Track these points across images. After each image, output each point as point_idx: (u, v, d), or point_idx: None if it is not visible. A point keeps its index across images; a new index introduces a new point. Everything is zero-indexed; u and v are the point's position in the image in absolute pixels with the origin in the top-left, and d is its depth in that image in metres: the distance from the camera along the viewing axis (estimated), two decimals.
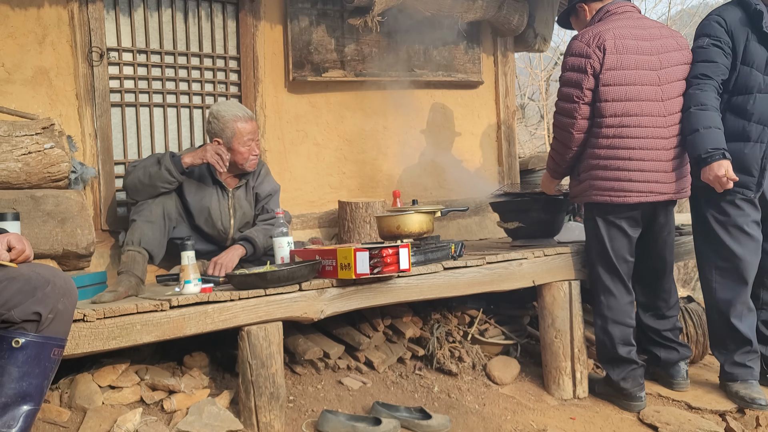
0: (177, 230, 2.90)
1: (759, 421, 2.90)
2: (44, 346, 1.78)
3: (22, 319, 1.75)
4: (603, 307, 2.96)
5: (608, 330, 2.95)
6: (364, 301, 2.63)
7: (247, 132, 2.92)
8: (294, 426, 2.51)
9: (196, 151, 2.80)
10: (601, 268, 2.96)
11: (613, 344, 2.93)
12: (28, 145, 2.57)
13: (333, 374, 2.88)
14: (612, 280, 2.94)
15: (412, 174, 4.16)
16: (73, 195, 2.64)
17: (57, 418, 2.25)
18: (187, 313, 2.27)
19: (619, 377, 2.94)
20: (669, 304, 3.10)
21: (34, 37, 3.00)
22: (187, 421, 2.31)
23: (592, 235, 3.00)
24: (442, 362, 3.06)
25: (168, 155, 2.79)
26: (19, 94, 2.97)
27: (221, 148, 2.80)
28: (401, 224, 2.88)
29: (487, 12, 4.00)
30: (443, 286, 2.83)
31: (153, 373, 2.52)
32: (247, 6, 3.54)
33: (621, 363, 2.94)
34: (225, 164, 2.78)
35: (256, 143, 2.98)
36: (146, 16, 3.31)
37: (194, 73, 3.46)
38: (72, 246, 2.56)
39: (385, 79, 3.94)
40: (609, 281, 2.95)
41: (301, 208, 3.76)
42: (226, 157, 2.78)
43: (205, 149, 2.78)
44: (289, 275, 2.43)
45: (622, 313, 2.94)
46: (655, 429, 2.74)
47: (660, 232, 3.01)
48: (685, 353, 3.13)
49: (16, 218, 2.33)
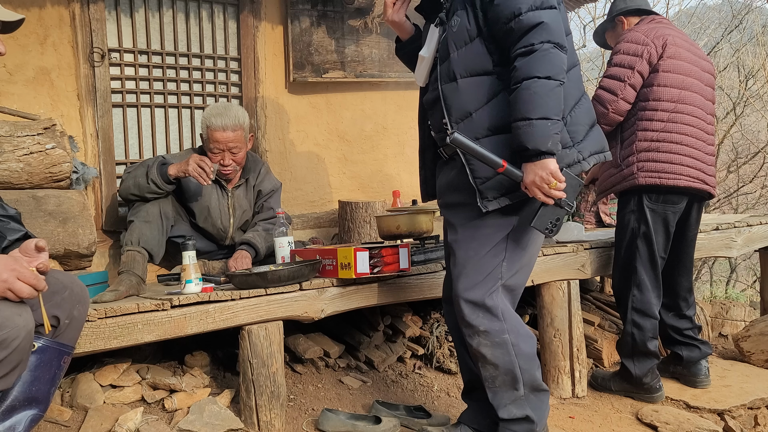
0: (176, 229, 2.89)
1: (758, 420, 2.92)
2: (58, 352, 1.77)
3: (38, 323, 1.71)
4: (636, 301, 2.97)
5: (641, 324, 2.95)
6: (364, 300, 2.64)
7: (215, 141, 2.84)
8: (294, 425, 2.52)
9: (181, 163, 2.73)
10: (641, 262, 2.94)
11: (644, 339, 2.95)
12: (30, 145, 2.58)
13: (333, 373, 2.89)
14: (648, 275, 2.95)
15: (412, 174, 4.17)
16: (74, 195, 2.65)
17: (58, 417, 2.26)
18: (189, 313, 2.28)
19: (643, 372, 2.97)
20: (689, 303, 3.14)
21: (36, 37, 3.01)
22: (188, 420, 2.32)
23: (634, 228, 2.97)
24: (441, 361, 3.07)
25: (156, 166, 2.73)
26: (20, 95, 2.98)
27: (205, 160, 2.70)
28: (401, 224, 2.89)
29: None
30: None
31: (154, 372, 2.53)
32: (247, 7, 3.56)
33: (648, 357, 2.96)
34: (209, 176, 2.68)
35: (231, 154, 2.88)
36: (147, 16, 3.32)
37: (195, 74, 3.47)
38: (73, 246, 2.57)
39: (385, 79, 3.96)
40: (645, 275, 2.94)
41: (301, 208, 3.78)
42: (210, 169, 2.68)
43: (188, 162, 2.70)
44: (290, 275, 2.44)
45: (653, 306, 2.96)
46: (654, 428, 2.75)
47: (690, 229, 3.07)
48: (707, 351, 3.16)
49: None
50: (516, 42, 1.97)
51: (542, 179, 1.95)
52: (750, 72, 9.39)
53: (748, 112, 9.78)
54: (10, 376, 1.62)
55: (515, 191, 2.05)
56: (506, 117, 2.01)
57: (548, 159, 1.95)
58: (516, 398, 2.17)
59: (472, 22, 2.06)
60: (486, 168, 2.03)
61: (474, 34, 2.06)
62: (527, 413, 2.17)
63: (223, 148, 2.86)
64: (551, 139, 1.94)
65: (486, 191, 2.07)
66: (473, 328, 2.14)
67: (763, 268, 4.09)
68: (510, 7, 1.96)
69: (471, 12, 2.07)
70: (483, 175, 2.06)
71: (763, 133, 10.14)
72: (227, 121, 2.85)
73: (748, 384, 3.19)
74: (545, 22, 1.94)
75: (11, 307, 1.57)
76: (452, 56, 2.09)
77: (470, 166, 2.07)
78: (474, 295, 2.14)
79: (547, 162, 1.94)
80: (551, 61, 1.93)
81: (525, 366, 2.17)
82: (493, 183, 2.06)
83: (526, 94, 1.93)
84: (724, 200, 9.51)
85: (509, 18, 1.96)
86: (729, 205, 9.66)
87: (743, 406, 2.96)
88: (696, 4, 10.82)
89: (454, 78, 2.09)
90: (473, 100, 2.07)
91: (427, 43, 2.22)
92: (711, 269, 9.86)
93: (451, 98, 2.10)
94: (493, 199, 2.07)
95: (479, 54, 2.06)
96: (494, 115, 2.05)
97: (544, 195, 1.97)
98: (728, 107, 9.49)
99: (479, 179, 2.07)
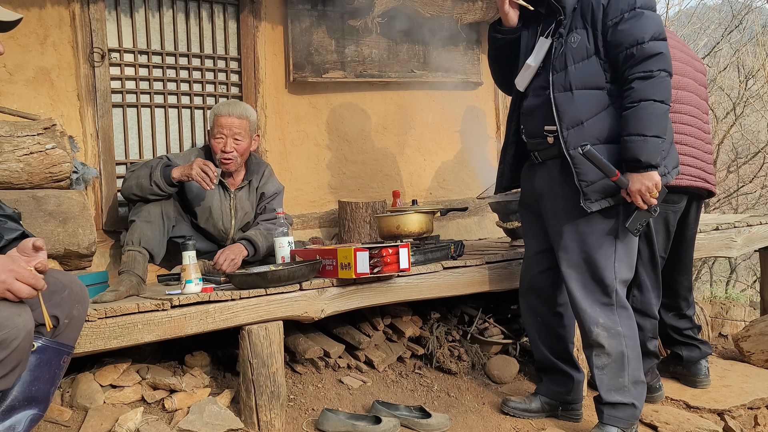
0: (177, 229, 2.89)
1: (758, 420, 2.92)
2: (57, 352, 1.77)
3: (38, 322, 1.71)
4: (636, 301, 2.97)
5: (641, 324, 2.93)
6: (364, 300, 2.64)
7: (220, 125, 2.89)
8: (294, 425, 2.52)
9: (185, 167, 2.73)
10: (641, 262, 2.93)
11: (644, 339, 2.94)
12: (30, 145, 2.58)
13: (333, 373, 2.89)
14: (648, 275, 2.96)
15: (412, 174, 4.18)
16: (74, 195, 2.65)
17: (58, 417, 2.26)
18: (189, 313, 2.28)
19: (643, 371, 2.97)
20: (689, 302, 3.15)
21: (36, 37, 3.01)
22: (188, 419, 2.32)
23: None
24: (441, 361, 3.07)
25: (159, 168, 2.73)
26: (20, 95, 2.98)
27: (209, 164, 2.70)
28: (401, 224, 2.90)
29: (486, 13, 4.01)
30: (443, 285, 2.84)
31: (154, 372, 2.53)
32: (247, 7, 3.55)
33: (647, 357, 2.96)
34: (213, 180, 2.69)
35: (233, 141, 2.90)
36: (147, 16, 3.32)
37: (195, 74, 3.47)
38: (73, 246, 2.57)
39: (385, 79, 3.96)
40: (645, 275, 2.95)
41: (301, 208, 3.78)
42: (213, 174, 2.69)
43: (191, 166, 2.70)
44: (290, 275, 2.44)
45: (653, 307, 2.97)
46: (654, 428, 2.75)
47: (689, 228, 3.09)
48: (706, 350, 3.17)
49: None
50: (635, 66, 2.27)
51: (647, 188, 2.27)
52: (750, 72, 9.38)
53: (748, 112, 9.78)
54: (10, 376, 1.62)
55: (614, 195, 2.36)
56: (612, 128, 2.34)
57: (654, 171, 2.27)
58: (621, 386, 2.46)
59: (592, 42, 2.36)
60: (592, 173, 2.33)
61: (592, 52, 2.36)
62: (632, 400, 2.46)
63: (227, 133, 2.89)
64: (660, 155, 2.27)
65: (590, 193, 2.35)
66: (593, 320, 2.45)
67: (763, 268, 4.09)
68: (634, 35, 2.27)
69: (592, 32, 2.36)
70: (588, 179, 2.34)
71: (763, 133, 10.14)
72: (234, 109, 2.93)
73: (748, 384, 3.19)
74: (663, 53, 2.27)
75: (11, 308, 1.57)
76: (569, 69, 2.37)
77: (577, 169, 2.35)
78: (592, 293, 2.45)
79: (653, 174, 2.27)
80: (666, 88, 2.27)
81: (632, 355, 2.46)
82: (596, 186, 2.34)
83: (643, 114, 2.24)
84: (724, 200, 9.50)
85: (632, 44, 2.27)
86: (729, 205, 9.66)
87: (743, 406, 2.96)
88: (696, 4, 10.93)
89: (570, 89, 2.37)
90: (585, 111, 2.36)
91: (535, 53, 2.49)
92: (711, 269, 9.86)
93: (564, 106, 2.37)
94: (595, 201, 2.35)
95: (595, 71, 2.35)
96: (602, 126, 2.35)
97: (643, 201, 2.29)
98: (728, 107, 9.48)
99: (584, 182, 2.35)
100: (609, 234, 2.42)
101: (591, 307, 2.45)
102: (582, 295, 2.47)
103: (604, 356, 2.47)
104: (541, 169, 2.57)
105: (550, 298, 2.73)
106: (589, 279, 2.46)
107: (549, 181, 2.53)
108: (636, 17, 2.29)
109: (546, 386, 2.79)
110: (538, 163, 2.57)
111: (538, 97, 2.49)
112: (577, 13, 2.40)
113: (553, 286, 2.71)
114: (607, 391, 2.47)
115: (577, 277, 2.47)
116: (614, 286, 2.44)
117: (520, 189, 2.81)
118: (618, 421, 2.46)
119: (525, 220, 2.76)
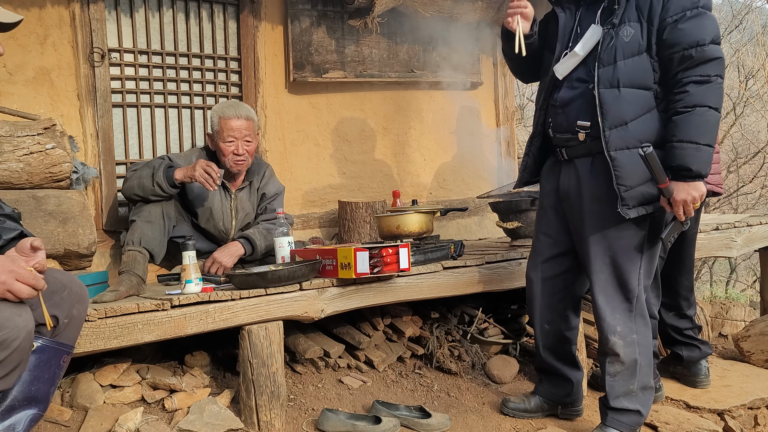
0: (178, 229, 2.89)
1: (758, 420, 2.92)
2: (57, 351, 1.76)
3: (38, 322, 1.71)
4: None
5: None
6: (364, 300, 2.64)
7: (230, 129, 2.88)
8: (294, 425, 2.52)
9: (187, 168, 2.73)
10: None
11: None
12: (30, 145, 2.58)
13: (333, 373, 2.89)
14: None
15: (412, 174, 4.18)
16: (74, 195, 2.65)
17: (58, 417, 2.26)
18: (189, 313, 2.28)
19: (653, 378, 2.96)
20: (690, 302, 3.14)
21: (36, 37, 3.01)
22: (188, 419, 2.32)
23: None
24: (441, 361, 3.07)
25: (162, 169, 2.72)
26: (20, 95, 2.98)
27: (212, 165, 2.70)
28: (401, 224, 2.89)
29: (486, 13, 4.01)
30: (443, 285, 2.84)
31: (154, 372, 2.53)
32: (247, 7, 3.55)
33: None
34: (216, 181, 2.68)
35: (245, 143, 2.90)
36: (147, 16, 3.32)
37: (195, 74, 3.47)
38: (73, 246, 2.57)
39: (385, 79, 3.96)
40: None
41: (301, 208, 3.78)
42: (216, 175, 2.68)
43: (194, 167, 2.69)
44: (290, 275, 2.44)
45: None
46: (654, 428, 2.74)
47: (689, 229, 3.04)
48: (707, 351, 3.16)
49: None
50: (692, 68, 2.12)
51: (693, 199, 2.14)
52: (750, 72, 9.39)
53: (748, 112, 9.79)
54: (10, 377, 1.62)
55: (652, 203, 2.22)
56: (656, 132, 2.20)
57: (701, 182, 2.14)
58: (629, 392, 2.41)
59: (645, 37, 2.19)
60: (633, 177, 2.19)
61: (643, 48, 2.19)
62: (638, 407, 2.42)
63: (238, 136, 2.89)
64: (710, 165, 2.15)
65: (628, 199, 2.21)
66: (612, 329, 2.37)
67: (763, 268, 4.09)
68: (695, 35, 2.12)
69: (646, 27, 2.19)
70: (628, 184, 2.21)
71: (763, 133, 10.14)
72: (241, 111, 2.93)
73: (748, 384, 3.19)
74: (721, 58, 2.13)
75: (11, 308, 1.57)
76: (618, 64, 2.21)
77: (617, 172, 2.21)
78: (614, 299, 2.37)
79: (700, 184, 2.15)
80: (720, 95, 2.13)
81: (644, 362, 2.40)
82: (635, 192, 2.21)
83: (698, 120, 2.10)
84: (724, 200, 9.51)
85: (691, 45, 2.12)
86: (729, 205, 9.66)
87: (743, 406, 2.96)
88: None
89: (617, 85, 2.20)
90: (631, 111, 2.20)
91: (585, 41, 2.28)
92: (711, 269, 9.86)
93: (609, 104, 2.21)
94: (633, 207, 2.22)
95: (645, 69, 2.20)
96: (645, 128, 2.20)
97: (684, 212, 2.17)
98: (728, 107, 9.49)
99: (623, 186, 2.21)
100: (638, 241, 2.31)
101: (611, 315, 2.37)
102: (604, 301, 2.38)
103: (618, 364, 2.41)
104: (567, 167, 2.41)
105: (560, 304, 2.63)
106: (613, 284, 2.37)
107: (576, 181, 2.38)
108: (698, 17, 2.13)
109: (545, 387, 2.75)
110: (564, 160, 2.41)
111: (573, 90, 2.31)
112: (632, 4, 2.22)
113: (563, 292, 2.61)
114: (615, 397, 2.42)
115: (601, 282, 2.37)
116: (636, 292, 2.36)
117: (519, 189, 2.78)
118: (621, 425, 2.41)
119: (542, 221, 2.58)
